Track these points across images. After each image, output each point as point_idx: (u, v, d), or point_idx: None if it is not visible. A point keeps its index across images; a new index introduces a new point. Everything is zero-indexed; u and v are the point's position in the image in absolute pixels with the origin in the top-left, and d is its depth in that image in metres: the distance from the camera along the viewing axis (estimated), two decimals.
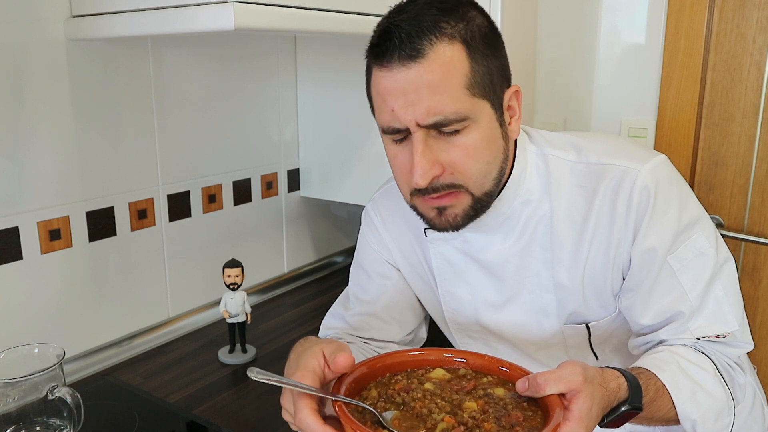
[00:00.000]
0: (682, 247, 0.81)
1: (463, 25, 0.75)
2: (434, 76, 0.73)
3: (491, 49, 0.78)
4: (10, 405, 0.82)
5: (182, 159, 1.32)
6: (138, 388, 1.11)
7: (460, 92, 0.74)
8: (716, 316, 0.82)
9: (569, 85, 1.62)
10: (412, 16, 0.74)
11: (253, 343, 1.25)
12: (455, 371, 0.75)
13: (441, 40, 0.73)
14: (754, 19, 1.38)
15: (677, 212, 0.81)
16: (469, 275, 0.93)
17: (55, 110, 1.09)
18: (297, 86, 1.56)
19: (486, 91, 0.76)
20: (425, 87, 0.73)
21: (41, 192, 1.09)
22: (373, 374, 0.74)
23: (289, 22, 0.95)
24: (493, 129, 0.78)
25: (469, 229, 0.87)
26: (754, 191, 1.44)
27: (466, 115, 0.75)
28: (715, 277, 0.82)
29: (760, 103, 1.40)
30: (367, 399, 0.70)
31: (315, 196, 1.61)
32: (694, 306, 0.82)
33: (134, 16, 0.97)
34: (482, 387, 0.72)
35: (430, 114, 0.74)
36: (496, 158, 0.79)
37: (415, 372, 0.76)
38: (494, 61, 0.78)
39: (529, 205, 0.87)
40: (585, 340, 0.92)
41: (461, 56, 0.74)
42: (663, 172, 0.82)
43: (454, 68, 0.73)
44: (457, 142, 0.76)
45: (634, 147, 0.87)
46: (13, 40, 1.02)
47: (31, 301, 1.10)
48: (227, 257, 1.20)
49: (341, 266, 1.77)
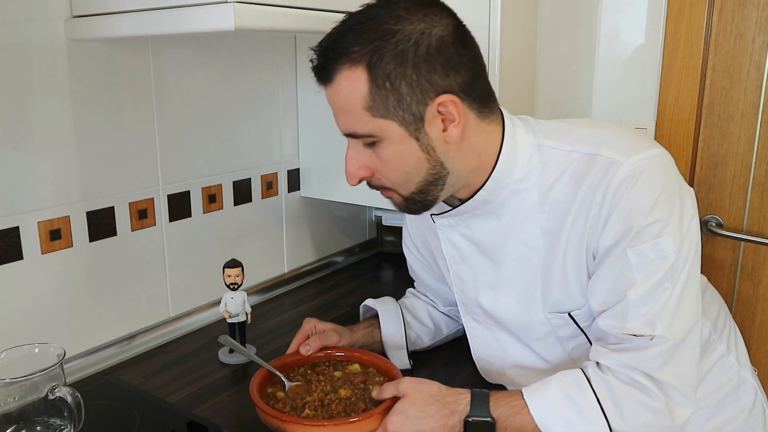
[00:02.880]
0: (646, 245, 0.81)
1: (372, 47, 0.78)
2: (339, 98, 0.83)
3: (410, 66, 0.79)
4: (10, 405, 0.82)
5: (182, 159, 1.32)
6: (138, 387, 1.11)
7: (361, 114, 0.82)
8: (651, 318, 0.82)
9: (569, 85, 1.62)
10: (331, 41, 0.82)
11: (253, 343, 1.26)
12: (366, 369, 1.03)
13: (345, 64, 0.80)
14: (754, 20, 1.38)
15: (650, 207, 0.81)
16: (472, 258, 0.98)
17: (56, 110, 1.09)
18: (297, 86, 1.56)
19: (391, 111, 0.81)
20: (336, 107, 0.84)
21: (41, 192, 1.10)
22: (318, 356, 1.05)
23: (289, 22, 0.95)
24: (404, 145, 0.83)
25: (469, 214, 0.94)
26: (754, 191, 1.44)
27: (371, 133, 0.83)
28: (666, 280, 0.81)
29: (759, 103, 1.40)
30: (292, 371, 1.03)
31: (315, 196, 1.61)
32: (634, 302, 0.82)
33: (135, 17, 0.97)
34: (371, 383, 0.98)
35: (344, 128, 0.85)
36: (417, 168, 0.85)
37: (342, 363, 1.05)
38: (406, 80, 0.79)
39: (519, 195, 0.90)
40: (577, 331, 0.93)
41: (361, 80, 0.80)
42: (650, 166, 0.82)
43: (353, 92, 0.81)
44: (378, 153, 0.85)
45: (630, 138, 0.87)
46: (14, 40, 1.02)
47: (32, 300, 1.11)
48: (227, 257, 1.20)
49: (341, 266, 1.77)
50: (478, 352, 1.07)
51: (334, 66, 0.81)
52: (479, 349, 1.06)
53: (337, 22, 0.84)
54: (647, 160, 0.83)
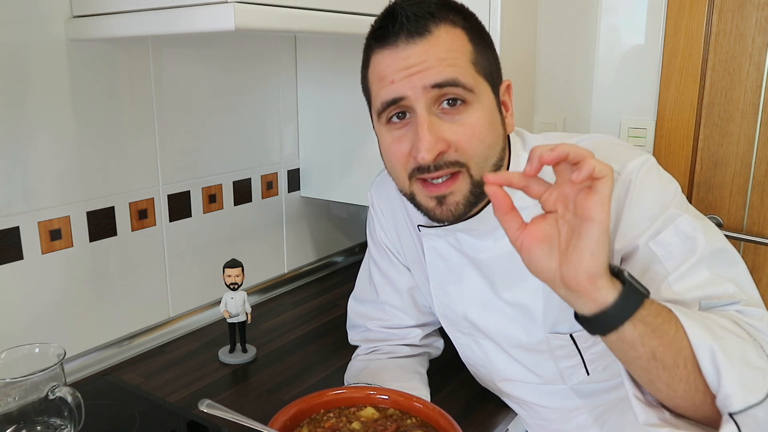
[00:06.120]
0: (665, 232, 0.74)
1: (462, 17, 0.78)
2: (441, 49, 0.75)
3: (488, 42, 0.81)
4: (11, 404, 0.82)
5: (182, 159, 1.32)
6: (138, 387, 1.11)
7: (467, 65, 0.76)
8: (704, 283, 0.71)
9: (569, 86, 1.62)
10: (417, 3, 0.76)
11: (253, 343, 1.26)
12: (384, 410, 0.82)
13: (445, 23, 0.76)
14: (754, 20, 1.38)
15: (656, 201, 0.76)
16: (461, 272, 0.93)
17: (56, 110, 1.09)
18: (297, 86, 1.56)
19: (488, 74, 0.79)
20: (432, 58, 0.74)
21: (42, 192, 1.10)
22: (308, 411, 0.81)
23: (289, 22, 0.95)
24: (494, 113, 0.80)
25: (462, 230, 0.88)
26: (754, 191, 1.44)
27: (472, 87, 0.76)
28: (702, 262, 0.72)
29: (759, 103, 1.40)
30: None
31: (315, 196, 1.61)
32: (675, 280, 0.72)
33: (135, 17, 0.97)
34: (404, 428, 0.78)
35: (442, 77, 0.74)
36: (497, 143, 0.80)
37: (348, 410, 0.82)
38: (490, 53, 0.81)
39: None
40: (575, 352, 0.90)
41: (464, 39, 0.77)
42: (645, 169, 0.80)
43: (460, 45, 0.76)
44: (463, 120, 0.76)
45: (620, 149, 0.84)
46: (14, 41, 1.02)
47: (32, 300, 1.11)
48: (227, 257, 1.20)
49: (341, 266, 1.77)
50: (466, 358, 1.03)
51: (431, 21, 0.75)
52: (467, 356, 1.02)
53: None
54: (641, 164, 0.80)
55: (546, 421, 0.98)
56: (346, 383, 1.04)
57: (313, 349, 1.27)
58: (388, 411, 0.82)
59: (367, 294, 1.10)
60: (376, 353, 1.06)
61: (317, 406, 0.82)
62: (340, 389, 0.84)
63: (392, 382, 0.94)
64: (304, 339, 1.32)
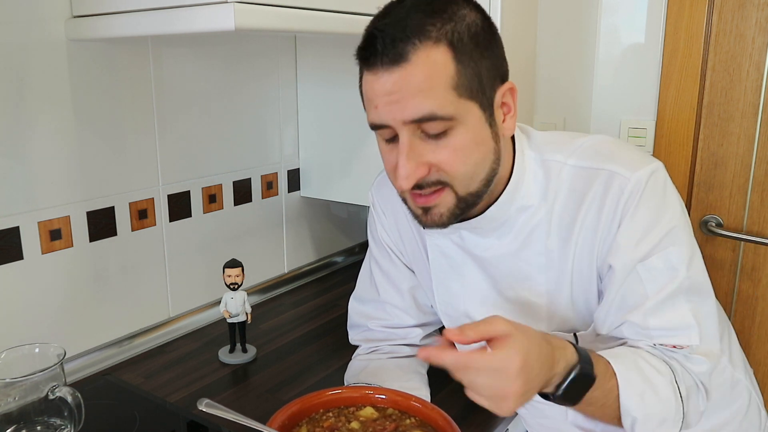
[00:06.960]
0: (654, 258, 0.79)
1: (450, 26, 0.74)
2: (417, 78, 0.73)
3: (482, 48, 0.77)
4: (11, 404, 0.82)
5: (182, 159, 1.32)
6: (138, 387, 1.11)
7: (446, 93, 0.74)
8: (676, 324, 0.80)
9: (569, 86, 1.62)
10: (396, 21, 0.74)
11: (253, 343, 1.26)
12: (383, 410, 0.82)
13: (425, 43, 0.73)
14: (753, 20, 1.38)
15: (656, 223, 0.80)
16: (464, 270, 0.93)
17: (56, 110, 1.09)
18: (297, 86, 1.56)
19: (474, 92, 0.76)
20: (409, 89, 0.73)
21: (42, 192, 1.10)
22: (307, 410, 0.81)
23: (289, 22, 0.95)
24: (481, 130, 0.78)
25: (465, 228, 0.88)
26: (754, 191, 1.44)
27: (452, 115, 0.75)
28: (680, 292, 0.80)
29: (759, 103, 1.40)
30: None
31: (315, 196, 1.61)
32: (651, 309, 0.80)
33: (134, 17, 0.97)
34: (403, 428, 0.78)
35: (417, 112, 0.73)
36: (485, 159, 0.79)
37: (346, 410, 0.82)
38: (484, 62, 0.77)
39: (525, 212, 0.86)
40: None
41: (446, 59, 0.74)
42: (652, 181, 0.81)
43: (438, 71, 0.73)
44: (445, 143, 0.76)
45: (630, 152, 0.85)
46: (14, 41, 1.02)
47: (32, 300, 1.11)
48: (227, 257, 1.20)
49: (341, 266, 1.77)
50: None
51: (409, 44, 0.73)
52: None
53: None
54: (652, 174, 0.81)
55: (547, 419, 0.98)
56: (347, 383, 1.04)
57: (313, 349, 1.27)
58: (387, 411, 0.82)
59: (368, 293, 1.10)
60: (377, 353, 1.06)
61: (316, 406, 0.82)
62: (339, 389, 0.84)
63: (392, 381, 0.94)
64: (304, 339, 1.32)
